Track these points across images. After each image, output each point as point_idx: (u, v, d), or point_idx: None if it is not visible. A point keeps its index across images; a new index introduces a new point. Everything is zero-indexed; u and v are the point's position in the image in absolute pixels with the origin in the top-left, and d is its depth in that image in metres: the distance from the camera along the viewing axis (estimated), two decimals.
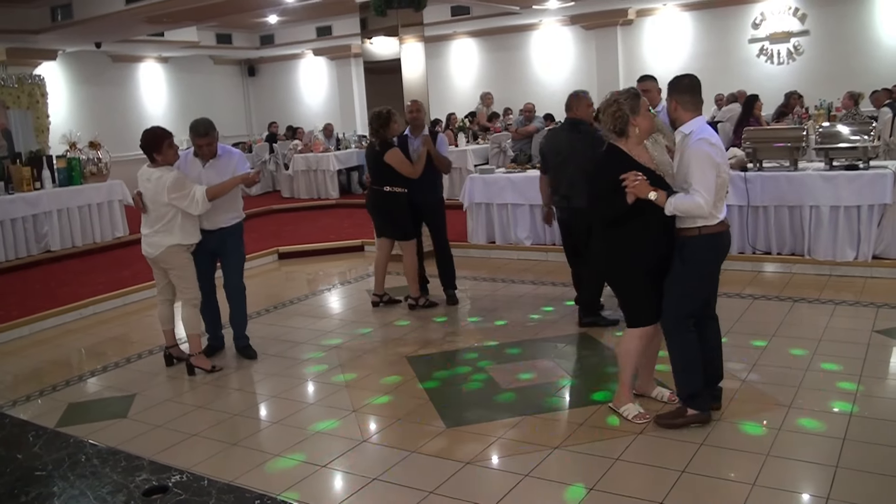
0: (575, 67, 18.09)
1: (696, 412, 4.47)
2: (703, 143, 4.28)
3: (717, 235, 4.39)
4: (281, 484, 4.18)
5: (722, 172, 4.32)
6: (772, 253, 8.13)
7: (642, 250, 4.45)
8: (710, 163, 4.25)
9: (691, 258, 4.37)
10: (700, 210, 4.24)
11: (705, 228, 4.34)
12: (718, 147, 4.33)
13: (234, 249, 6.39)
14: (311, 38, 19.44)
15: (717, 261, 4.51)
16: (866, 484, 3.79)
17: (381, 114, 7.37)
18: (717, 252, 4.47)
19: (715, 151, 4.28)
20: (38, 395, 5.97)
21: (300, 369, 6.15)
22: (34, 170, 10.96)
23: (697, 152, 4.28)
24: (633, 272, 4.53)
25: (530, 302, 7.64)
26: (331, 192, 15.46)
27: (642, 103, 4.44)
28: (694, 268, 4.39)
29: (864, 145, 7.70)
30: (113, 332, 7.69)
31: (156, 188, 5.86)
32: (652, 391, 4.95)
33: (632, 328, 4.62)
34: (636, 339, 4.60)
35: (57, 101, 16.27)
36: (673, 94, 4.46)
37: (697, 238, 4.35)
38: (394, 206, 7.47)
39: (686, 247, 4.38)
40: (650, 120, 4.46)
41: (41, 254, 10.76)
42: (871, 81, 13.47)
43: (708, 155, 4.26)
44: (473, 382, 5.64)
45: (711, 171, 4.25)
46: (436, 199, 7.74)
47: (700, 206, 4.23)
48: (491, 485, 4.08)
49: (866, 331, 5.99)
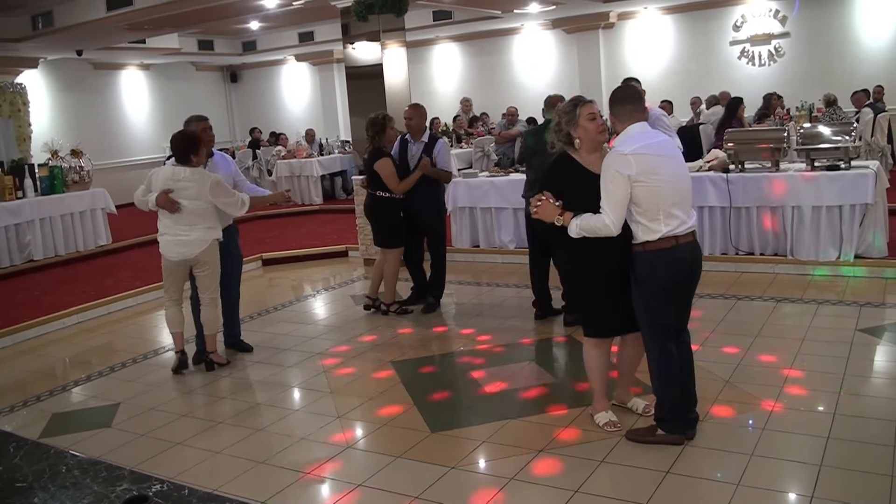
0: (557, 71, 18.14)
1: (664, 434, 4.32)
2: (613, 155, 4.10)
3: (666, 251, 4.10)
4: (266, 491, 4.16)
5: (649, 183, 4.01)
6: (755, 254, 8.17)
7: (588, 260, 4.32)
8: (616, 177, 4.02)
9: (640, 275, 4.18)
10: (607, 229, 4.04)
11: (649, 244, 4.11)
12: (634, 156, 4.02)
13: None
14: (293, 44, 19.43)
15: (673, 277, 4.16)
16: (851, 481, 3.81)
17: (377, 120, 7.32)
18: (670, 268, 4.13)
19: (624, 164, 4.01)
20: (21, 405, 5.92)
21: (285, 376, 6.13)
22: (16, 179, 10.88)
23: (605, 166, 4.11)
24: (581, 280, 4.47)
25: (515, 305, 7.66)
26: (314, 198, 15.44)
27: (581, 112, 4.30)
28: (645, 285, 4.17)
29: (845, 146, 7.75)
30: (97, 341, 7.64)
31: (199, 186, 5.93)
32: (628, 401, 4.83)
33: (586, 337, 4.58)
34: (592, 347, 4.53)
35: (39, 110, 16.21)
36: (610, 110, 4.29)
37: (642, 254, 4.15)
38: (383, 212, 7.46)
39: (634, 263, 4.20)
40: (591, 129, 4.29)
41: (24, 263, 10.68)
42: (852, 82, 13.59)
43: (611, 168, 4.05)
44: (458, 387, 5.65)
45: (619, 187, 4.01)
46: (433, 208, 7.57)
47: (606, 225, 4.04)
48: (476, 489, 4.08)
49: (849, 330, 6.03)
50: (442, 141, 7.56)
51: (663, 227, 4.07)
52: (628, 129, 4.18)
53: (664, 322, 4.22)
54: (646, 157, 4.05)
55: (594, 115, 4.30)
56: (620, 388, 4.88)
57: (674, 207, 4.09)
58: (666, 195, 4.07)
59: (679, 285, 4.21)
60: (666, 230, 4.07)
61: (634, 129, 4.18)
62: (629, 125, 4.19)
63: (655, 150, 4.13)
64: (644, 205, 4.05)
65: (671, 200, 4.08)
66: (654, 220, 4.07)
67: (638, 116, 4.23)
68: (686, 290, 4.32)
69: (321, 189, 15.56)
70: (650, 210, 4.06)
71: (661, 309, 4.19)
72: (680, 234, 4.11)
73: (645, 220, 4.08)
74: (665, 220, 4.07)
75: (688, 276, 4.25)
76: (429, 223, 7.59)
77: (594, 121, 4.30)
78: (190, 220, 5.99)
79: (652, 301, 4.19)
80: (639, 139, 4.11)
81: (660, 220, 4.06)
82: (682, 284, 4.23)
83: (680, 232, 4.11)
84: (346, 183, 15.87)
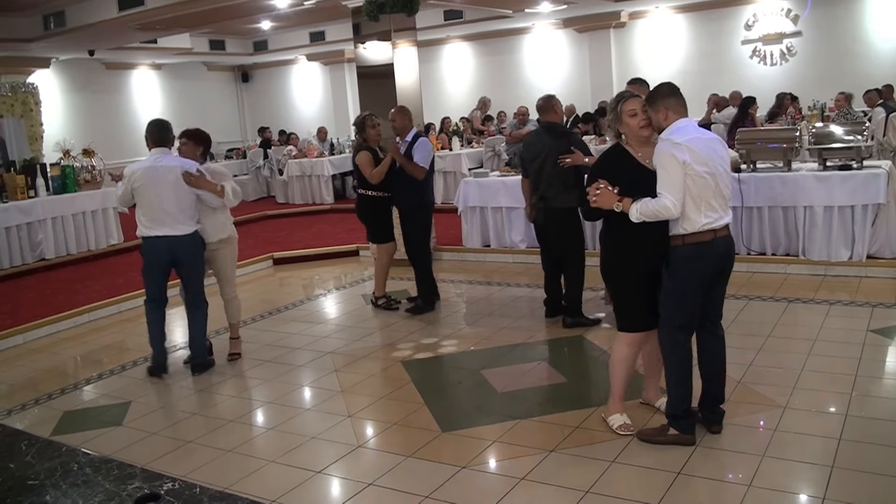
0: (568, 71, 18.13)
1: (676, 433, 4.32)
2: (665, 143, 4.14)
3: (705, 245, 4.16)
4: (276, 490, 4.17)
5: (699, 172, 4.06)
6: (766, 254, 8.14)
7: (632, 253, 4.37)
8: (672, 161, 4.07)
9: (675, 269, 4.22)
10: (668, 212, 4.07)
11: (689, 237, 4.16)
12: (687, 146, 4.07)
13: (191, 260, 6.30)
14: (304, 44, 19.47)
15: (707, 272, 4.23)
16: (863, 484, 3.79)
17: (357, 119, 7.71)
18: (706, 262, 4.20)
19: (678, 150, 4.06)
20: (33, 403, 5.95)
21: (295, 375, 6.14)
22: (28, 178, 10.93)
23: (658, 153, 4.17)
24: (621, 275, 4.47)
25: (525, 305, 7.65)
26: (325, 198, 15.44)
27: (623, 109, 4.37)
28: (679, 279, 4.22)
29: (857, 145, 7.71)
30: (108, 339, 7.67)
31: None
32: (656, 401, 4.82)
33: (621, 332, 4.56)
34: (625, 345, 4.52)
35: (50, 109, 16.27)
36: (657, 103, 4.27)
37: (681, 248, 4.19)
38: (370, 209, 7.67)
39: (671, 256, 4.24)
40: (633, 124, 4.34)
41: (36, 262, 10.72)
42: (863, 82, 13.51)
43: (668, 153, 4.10)
44: (468, 386, 5.64)
45: (675, 170, 4.07)
46: (412, 205, 7.48)
47: (666, 207, 4.06)
48: (486, 489, 4.08)
49: (861, 330, 6.00)
50: (423, 138, 7.52)
51: (703, 219, 4.13)
52: (678, 121, 4.23)
53: (689, 317, 4.28)
54: (697, 147, 4.11)
55: (634, 112, 4.34)
56: (649, 388, 4.88)
57: (715, 200, 4.14)
58: (711, 187, 4.12)
59: (713, 279, 4.28)
60: (706, 222, 4.13)
61: (683, 121, 4.23)
62: (678, 119, 4.23)
63: (705, 142, 4.20)
64: (690, 194, 4.10)
65: (714, 193, 4.14)
66: (696, 211, 4.12)
67: (683, 111, 4.28)
68: (720, 284, 4.37)
69: (332, 188, 15.57)
70: (695, 200, 4.11)
71: (689, 303, 4.25)
72: (718, 228, 4.18)
73: (688, 210, 4.12)
74: (706, 213, 4.12)
75: (722, 270, 4.32)
76: (408, 221, 7.58)
77: (635, 117, 4.34)
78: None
79: (681, 293, 4.23)
80: (690, 131, 4.19)
81: (701, 211, 4.12)
82: (715, 278, 4.30)
83: (718, 226, 4.17)
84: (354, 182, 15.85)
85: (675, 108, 4.24)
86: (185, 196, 6.03)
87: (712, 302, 4.39)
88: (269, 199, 16.84)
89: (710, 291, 4.33)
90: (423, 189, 7.51)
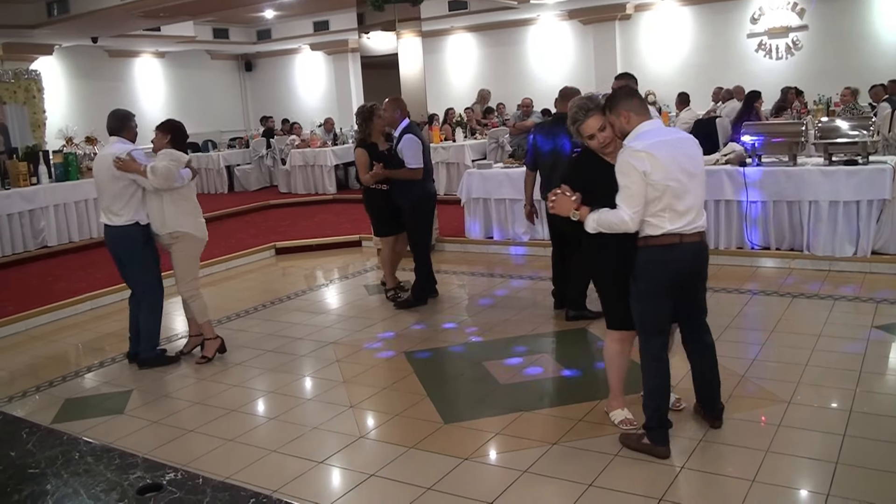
0: (573, 63, 18.08)
1: (650, 444, 4.16)
2: (626, 151, 3.98)
3: (668, 249, 3.99)
4: (278, 480, 4.16)
5: (660, 180, 3.89)
6: (770, 248, 8.11)
7: (613, 252, 4.20)
8: (632, 172, 3.90)
9: (639, 272, 4.08)
10: (625, 225, 3.93)
11: (652, 240, 4.00)
12: (647, 153, 3.89)
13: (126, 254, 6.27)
14: (308, 33, 19.44)
15: (671, 277, 4.06)
16: (867, 480, 3.78)
17: (364, 109, 7.54)
18: (667, 267, 4.03)
19: (637, 160, 3.89)
20: (34, 391, 5.94)
21: (297, 365, 6.12)
22: (30, 165, 10.91)
23: (619, 163, 4.00)
24: (605, 272, 4.39)
25: (528, 297, 7.63)
26: (328, 188, 15.42)
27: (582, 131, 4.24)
28: (643, 283, 4.08)
29: (863, 140, 7.68)
30: (110, 327, 7.65)
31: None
32: None
33: (609, 330, 4.51)
34: (614, 341, 4.47)
35: (53, 96, 16.23)
36: (616, 108, 4.10)
37: (644, 250, 4.04)
38: (371, 203, 7.67)
39: (637, 259, 4.10)
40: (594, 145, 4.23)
41: (38, 249, 10.72)
42: (869, 77, 13.47)
43: (627, 164, 3.93)
44: (471, 378, 5.63)
45: (635, 181, 3.89)
46: (410, 203, 7.40)
47: (623, 221, 3.92)
48: (489, 481, 4.06)
49: (866, 326, 5.98)
50: (408, 136, 7.24)
51: (668, 225, 3.96)
52: (641, 125, 4.07)
53: (655, 322, 4.14)
54: (659, 153, 3.94)
55: (592, 135, 4.20)
56: None
57: (681, 205, 3.96)
58: (675, 192, 3.94)
59: (680, 286, 4.10)
60: (671, 227, 3.97)
61: (647, 124, 4.08)
62: (640, 121, 4.08)
63: (670, 145, 4.01)
64: (652, 200, 3.95)
65: (680, 198, 3.95)
66: (658, 217, 3.96)
67: (647, 112, 4.15)
68: (693, 290, 4.20)
69: (335, 179, 15.54)
70: (657, 206, 3.95)
71: (653, 309, 4.11)
72: (686, 233, 4.00)
73: (649, 216, 3.98)
74: (671, 218, 3.96)
75: (689, 277, 4.13)
76: (407, 217, 7.51)
77: (593, 139, 4.21)
78: None
79: (646, 299, 4.11)
80: (653, 135, 4.02)
81: (665, 216, 3.96)
82: (683, 285, 4.11)
83: (686, 231, 4.00)
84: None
85: (637, 111, 4.10)
86: (116, 184, 6.02)
87: (690, 308, 4.22)
88: (272, 189, 16.81)
89: (683, 297, 4.16)
90: (421, 186, 7.41)
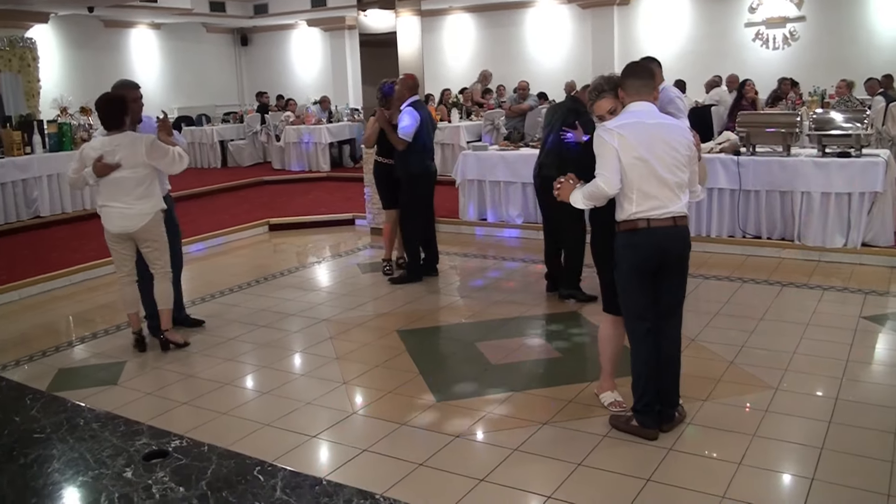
0: (570, 47, 18.03)
1: (637, 426, 4.23)
2: (599, 129, 4.11)
3: (635, 233, 4.04)
4: (271, 453, 4.20)
5: (627, 158, 3.97)
6: (762, 237, 8.18)
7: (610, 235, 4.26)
8: (603, 144, 4.02)
9: (616, 257, 4.16)
10: (600, 190, 4.00)
11: (622, 224, 4.07)
12: (618, 132, 4.00)
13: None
14: (305, 9, 19.30)
15: (640, 262, 4.07)
16: (851, 465, 3.85)
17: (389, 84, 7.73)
18: (637, 251, 4.06)
19: (608, 135, 4.01)
20: (27, 359, 5.96)
21: (290, 341, 6.16)
22: (24, 134, 10.86)
23: (594, 136, 4.13)
24: (603, 255, 4.43)
25: (521, 279, 7.68)
26: (322, 165, 15.39)
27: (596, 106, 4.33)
28: (618, 267, 4.16)
29: (856, 133, 7.73)
30: (102, 299, 7.67)
31: (134, 150, 5.60)
32: None
33: (605, 312, 4.56)
34: (610, 325, 4.51)
35: (48, 65, 16.13)
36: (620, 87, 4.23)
37: (617, 235, 4.13)
38: (377, 175, 7.93)
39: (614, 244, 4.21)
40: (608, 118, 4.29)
41: (31, 219, 10.71)
42: (865, 70, 13.50)
43: (599, 137, 4.05)
44: (464, 357, 5.68)
45: (607, 151, 3.99)
46: (406, 176, 7.51)
47: (598, 185, 4.00)
48: (480, 458, 4.12)
49: (853, 316, 6.05)
50: (408, 108, 7.39)
51: (634, 207, 4.01)
52: (630, 105, 4.15)
53: (633, 307, 4.18)
54: (629, 134, 4.00)
55: (602, 116, 4.29)
56: None
57: (651, 188, 3.99)
58: (643, 175, 3.98)
59: (650, 272, 4.10)
60: (636, 210, 4.01)
61: (633, 106, 4.15)
62: (632, 101, 4.16)
63: (643, 128, 4.04)
64: (624, 180, 4.01)
65: (649, 181, 3.99)
66: (626, 199, 4.02)
67: (645, 94, 4.18)
68: (667, 278, 4.15)
69: (329, 156, 15.53)
70: (628, 187, 4.01)
71: (629, 292, 4.16)
72: (654, 218, 4.01)
73: (621, 197, 4.05)
74: (638, 201, 4.00)
75: (659, 264, 4.09)
76: (402, 190, 7.61)
77: (603, 119, 4.28)
78: (130, 191, 5.65)
79: (621, 282, 4.18)
80: (631, 116, 4.09)
81: (632, 199, 4.00)
82: (654, 272, 4.11)
83: (655, 215, 4.01)
84: (355, 151, 15.83)
85: (632, 91, 4.17)
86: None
87: (663, 298, 4.18)
88: (265, 165, 16.78)
89: (660, 284, 4.15)
90: (419, 159, 7.48)
